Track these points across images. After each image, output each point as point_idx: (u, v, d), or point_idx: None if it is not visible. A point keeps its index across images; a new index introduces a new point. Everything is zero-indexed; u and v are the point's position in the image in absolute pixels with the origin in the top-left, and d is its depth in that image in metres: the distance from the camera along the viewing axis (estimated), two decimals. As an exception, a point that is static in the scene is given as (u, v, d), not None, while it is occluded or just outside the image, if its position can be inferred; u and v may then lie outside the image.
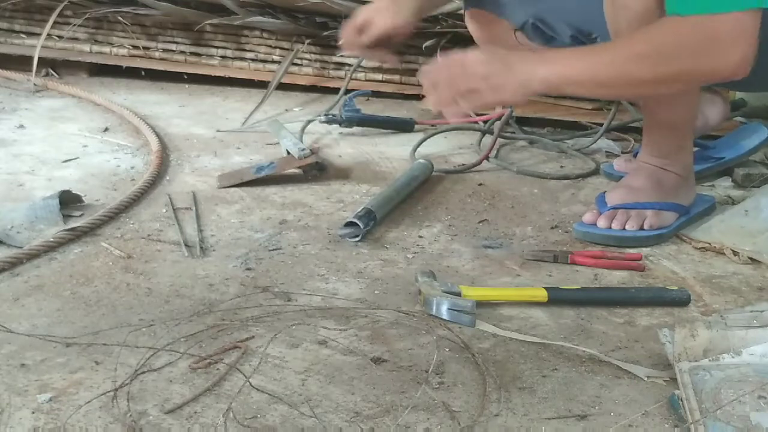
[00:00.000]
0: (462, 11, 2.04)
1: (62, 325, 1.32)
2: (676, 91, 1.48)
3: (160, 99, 2.62)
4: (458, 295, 1.39)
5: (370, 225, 1.67)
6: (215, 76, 2.75)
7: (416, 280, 1.45)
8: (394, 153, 2.18)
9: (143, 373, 1.19)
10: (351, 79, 2.62)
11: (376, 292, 1.46)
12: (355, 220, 1.65)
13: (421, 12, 1.88)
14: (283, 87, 2.62)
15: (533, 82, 1.44)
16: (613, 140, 2.28)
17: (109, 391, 1.14)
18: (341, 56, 2.70)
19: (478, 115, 2.37)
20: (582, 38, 1.91)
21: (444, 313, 1.36)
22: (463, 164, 2.09)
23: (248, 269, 1.53)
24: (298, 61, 2.73)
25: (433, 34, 2.53)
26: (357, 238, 1.64)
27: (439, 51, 2.52)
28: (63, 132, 2.26)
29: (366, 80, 2.69)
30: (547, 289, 1.43)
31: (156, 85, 2.75)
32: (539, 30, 1.94)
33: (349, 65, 2.68)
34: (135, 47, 2.84)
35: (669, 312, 1.42)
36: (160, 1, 2.71)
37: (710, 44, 1.37)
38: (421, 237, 1.69)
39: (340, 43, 1.89)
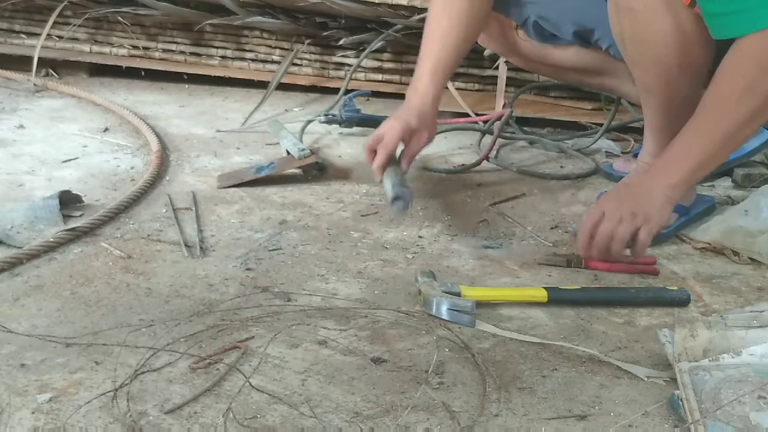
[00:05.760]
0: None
1: (62, 325, 1.32)
2: None
3: (160, 99, 2.62)
4: (458, 295, 1.39)
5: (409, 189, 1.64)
6: (215, 76, 2.76)
7: (416, 280, 1.45)
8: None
9: (143, 373, 1.19)
10: (351, 79, 2.62)
11: (376, 292, 1.46)
12: (399, 194, 1.61)
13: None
14: (283, 87, 2.62)
15: (671, 193, 1.49)
16: (613, 140, 2.28)
17: (109, 391, 1.14)
18: (341, 56, 2.71)
19: (477, 115, 2.38)
20: (583, 35, 1.91)
21: (444, 313, 1.36)
22: (463, 164, 2.09)
23: (248, 269, 1.53)
24: (298, 61, 2.74)
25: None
26: (407, 206, 1.61)
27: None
28: (63, 132, 2.26)
29: (366, 80, 2.69)
30: (546, 289, 1.43)
31: (156, 85, 2.75)
32: (540, 27, 1.94)
33: (349, 65, 2.68)
34: (135, 47, 2.84)
35: (669, 312, 1.42)
36: (160, 1, 2.71)
37: None
38: (421, 237, 1.69)
39: (376, 173, 1.73)
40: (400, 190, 1.62)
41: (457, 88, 2.51)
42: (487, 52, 2.48)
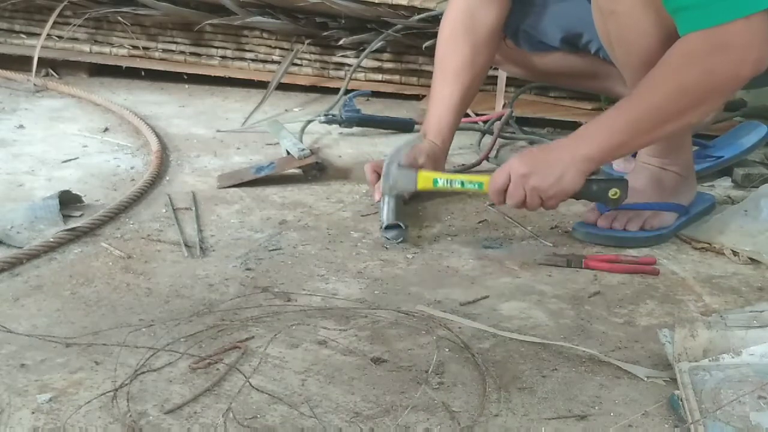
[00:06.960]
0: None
1: (62, 325, 1.32)
2: (719, 104, 1.53)
3: (160, 99, 2.62)
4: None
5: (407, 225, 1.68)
6: (215, 76, 2.76)
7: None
8: (394, 153, 2.18)
9: (143, 373, 1.19)
10: (351, 79, 2.62)
11: (376, 292, 1.46)
12: (398, 222, 1.65)
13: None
14: (283, 87, 2.62)
15: (584, 166, 1.53)
16: (613, 140, 2.28)
17: (109, 391, 1.14)
18: (341, 56, 2.71)
19: (477, 115, 2.38)
20: (571, 40, 1.92)
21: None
22: (463, 164, 2.09)
23: (248, 269, 1.53)
24: (298, 61, 2.74)
25: (433, 35, 2.53)
26: (401, 239, 1.64)
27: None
28: (63, 132, 2.27)
29: (366, 80, 2.70)
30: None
31: (156, 85, 2.75)
32: (529, 36, 1.95)
33: (349, 65, 2.68)
34: (135, 47, 2.84)
35: (669, 312, 1.42)
36: (160, 1, 2.71)
37: (728, 55, 1.41)
38: (420, 237, 1.69)
39: (375, 192, 1.79)
40: (398, 219, 1.65)
41: (457, 88, 2.50)
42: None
